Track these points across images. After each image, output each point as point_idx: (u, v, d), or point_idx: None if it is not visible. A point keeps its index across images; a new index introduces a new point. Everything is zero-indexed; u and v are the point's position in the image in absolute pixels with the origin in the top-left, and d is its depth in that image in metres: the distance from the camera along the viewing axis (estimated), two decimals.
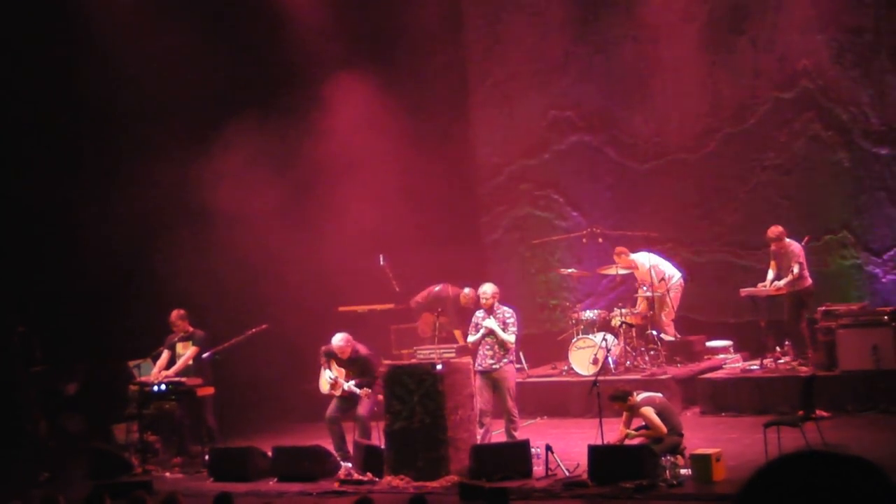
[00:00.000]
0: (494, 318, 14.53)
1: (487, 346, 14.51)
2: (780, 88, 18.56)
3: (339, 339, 15.23)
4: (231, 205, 18.16)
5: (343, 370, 15.22)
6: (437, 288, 18.15)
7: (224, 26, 19.12)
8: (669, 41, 19.24)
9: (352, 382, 15.03)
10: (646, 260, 17.76)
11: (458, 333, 17.59)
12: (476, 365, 14.47)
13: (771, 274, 16.67)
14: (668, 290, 17.73)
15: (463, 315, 17.76)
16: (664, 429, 12.98)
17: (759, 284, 16.74)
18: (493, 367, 14.45)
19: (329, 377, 15.27)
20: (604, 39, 19.97)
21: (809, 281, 16.56)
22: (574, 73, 20.21)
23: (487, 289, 14.69)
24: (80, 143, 18.42)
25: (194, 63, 18.28)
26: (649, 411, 13.09)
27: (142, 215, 18.41)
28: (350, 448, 14.89)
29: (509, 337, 14.46)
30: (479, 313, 14.68)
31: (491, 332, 14.45)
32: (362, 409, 14.99)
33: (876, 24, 17.93)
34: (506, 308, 14.70)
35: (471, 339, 14.63)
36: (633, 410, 13.26)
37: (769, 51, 18.66)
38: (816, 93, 18.30)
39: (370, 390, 14.83)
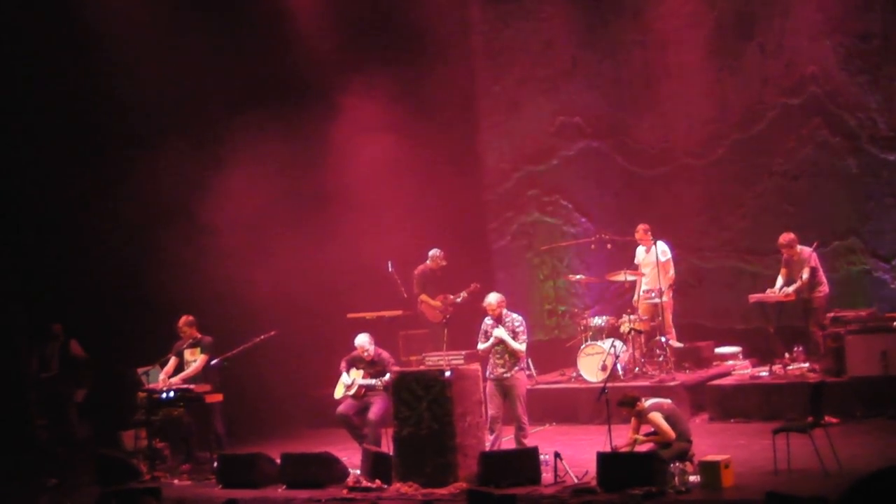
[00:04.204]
0: (503, 326, 14.51)
1: (498, 356, 14.46)
2: (788, 94, 18.58)
3: (364, 337, 15.43)
4: (239, 211, 18.17)
5: (361, 372, 15.31)
6: (418, 270, 18.35)
7: (233, 32, 19.10)
8: (677, 47, 19.26)
9: (368, 380, 15.18)
10: (669, 254, 17.72)
11: (437, 304, 17.96)
12: (487, 373, 14.46)
13: (780, 280, 16.67)
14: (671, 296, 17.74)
15: (441, 281, 17.99)
16: (673, 434, 12.96)
17: (768, 290, 16.74)
18: (505, 375, 14.43)
19: (346, 381, 15.34)
20: (611, 45, 20.00)
21: (827, 289, 16.55)
22: (582, 80, 20.23)
23: (493, 299, 14.62)
24: (86, 149, 18.40)
25: (203, 68, 18.32)
26: (657, 417, 13.07)
27: (150, 221, 18.42)
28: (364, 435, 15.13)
29: (520, 346, 14.41)
30: (488, 320, 14.61)
31: (501, 342, 14.43)
32: (373, 413, 15.05)
33: (884, 29, 17.95)
34: (515, 316, 14.63)
35: (480, 346, 14.58)
36: (642, 416, 13.23)
37: (777, 57, 18.67)
38: (824, 99, 18.31)
39: (384, 379, 14.91)
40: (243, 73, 19.20)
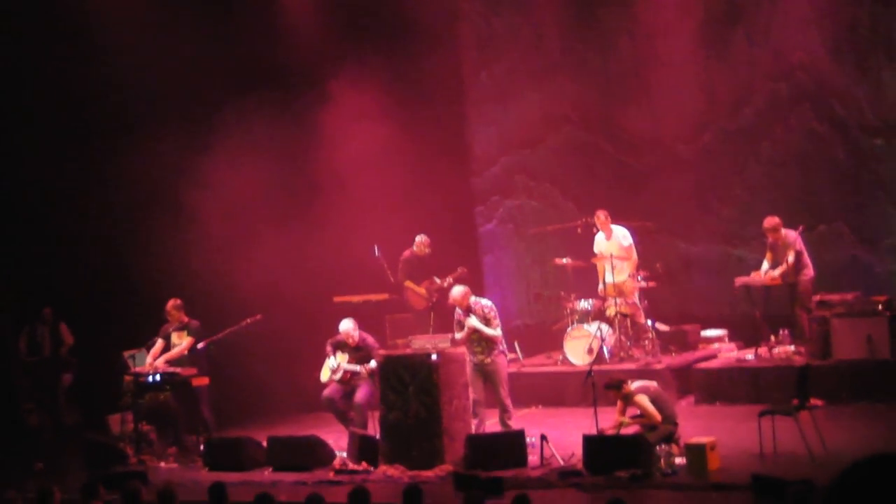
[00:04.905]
0: (474, 314, 14.51)
1: (475, 343, 14.49)
2: (776, 82, 18.59)
3: (348, 323, 15.40)
4: (227, 198, 18.15)
5: (346, 356, 15.31)
6: (403, 256, 18.33)
7: (223, 20, 19.06)
8: (665, 35, 19.26)
9: (353, 365, 15.16)
10: (630, 238, 17.73)
11: (421, 291, 17.98)
12: (468, 359, 14.48)
13: (765, 265, 16.70)
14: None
15: (427, 267, 18.00)
16: (659, 416, 13.00)
17: (753, 273, 16.73)
18: (485, 361, 14.47)
19: (332, 364, 15.34)
20: (599, 34, 19.99)
21: (812, 272, 16.58)
22: (570, 68, 20.22)
23: (456, 293, 14.66)
24: (75, 135, 18.37)
25: (194, 55, 18.28)
26: (643, 399, 13.11)
27: (138, 207, 18.40)
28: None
29: (494, 332, 14.44)
30: (460, 310, 14.66)
31: (475, 330, 14.45)
32: (360, 396, 15.06)
33: (871, 18, 17.96)
34: (484, 303, 14.66)
35: (457, 335, 14.60)
36: (628, 399, 13.27)
37: (764, 45, 18.68)
38: (812, 86, 18.33)
39: (369, 366, 14.90)
40: (233, 61, 19.17)
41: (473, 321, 14.43)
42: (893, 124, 17.80)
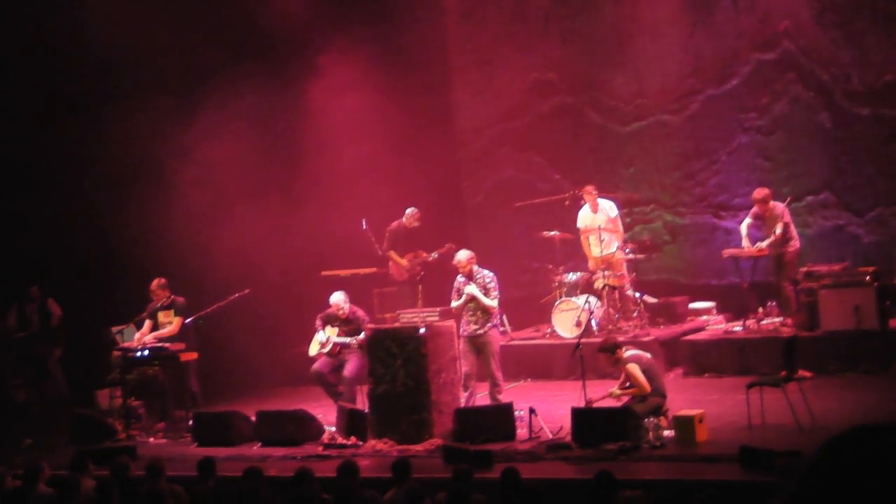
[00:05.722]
0: (475, 283, 14.51)
1: (470, 312, 14.49)
2: (762, 49, 18.54)
3: (339, 295, 15.38)
4: (214, 169, 18.09)
5: (336, 329, 15.30)
6: (391, 226, 18.28)
7: None
8: (651, 2, 19.19)
9: (343, 338, 15.15)
10: (616, 210, 17.73)
11: (403, 263, 18.00)
12: (460, 330, 14.47)
13: (744, 229, 16.63)
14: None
15: (416, 239, 17.94)
16: (648, 387, 12.96)
17: (745, 242, 16.68)
18: (478, 332, 14.45)
19: (321, 338, 15.32)
20: (585, 2, 19.91)
21: (798, 244, 16.56)
22: (555, 36, 20.15)
23: (462, 256, 14.64)
24: (55, 104, 18.25)
25: (181, 26, 18.17)
26: (635, 368, 13.07)
27: (124, 179, 18.32)
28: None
29: (491, 302, 14.44)
30: (460, 278, 14.64)
31: (473, 299, 14.44)
32: (349, 370, 15.05)
33: None
34: (486, 272, 14.66)
35: (454, 304, 14.59)
36: (620, 364, 13.23)
37: (750, 11, 18.62)
38: (798, 53, 18.27)
39: (359, 338, 14.89)
40: (218, 31, 19.05)
41: (472, 289, 14.43)
42: (879, 91, 17.76)
